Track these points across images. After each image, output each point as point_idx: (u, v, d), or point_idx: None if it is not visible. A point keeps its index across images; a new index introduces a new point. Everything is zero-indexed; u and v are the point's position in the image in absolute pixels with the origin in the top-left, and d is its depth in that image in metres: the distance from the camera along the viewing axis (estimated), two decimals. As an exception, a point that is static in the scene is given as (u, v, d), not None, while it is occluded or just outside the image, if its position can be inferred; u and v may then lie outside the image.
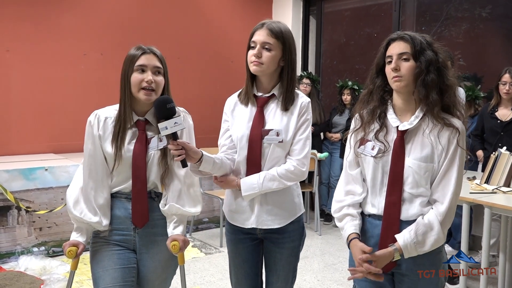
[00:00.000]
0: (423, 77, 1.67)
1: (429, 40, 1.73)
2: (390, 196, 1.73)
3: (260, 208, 1.98)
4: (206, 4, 5.73)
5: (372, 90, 1.81)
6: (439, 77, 1.69)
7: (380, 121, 1.78)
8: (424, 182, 1.71)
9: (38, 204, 4.03)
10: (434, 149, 1.69)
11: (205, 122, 4.13)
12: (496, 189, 3.18)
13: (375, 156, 1.75)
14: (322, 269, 3.99)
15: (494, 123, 3.89)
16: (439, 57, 1.71)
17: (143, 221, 1.96)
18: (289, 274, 2.09)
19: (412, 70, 1.68)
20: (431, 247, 1.69)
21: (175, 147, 1.77)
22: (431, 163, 1.70)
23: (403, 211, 1.72)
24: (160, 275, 2.04)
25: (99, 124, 1.95)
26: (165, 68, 1.96)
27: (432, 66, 1.68)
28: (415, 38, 1.70)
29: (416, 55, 1.68)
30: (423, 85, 1.68)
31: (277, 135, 1.94)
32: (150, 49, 1.93)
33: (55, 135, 4.78)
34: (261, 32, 1.93)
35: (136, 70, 1.89)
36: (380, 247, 1.73)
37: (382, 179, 1.75)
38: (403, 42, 1.70)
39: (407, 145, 1.72)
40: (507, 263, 3.34)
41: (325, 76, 6.31)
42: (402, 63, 1.69)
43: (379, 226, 1.76)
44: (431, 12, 5.36)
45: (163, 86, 1.94)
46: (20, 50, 4.55)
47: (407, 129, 1.72)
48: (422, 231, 1.67)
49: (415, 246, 1.67)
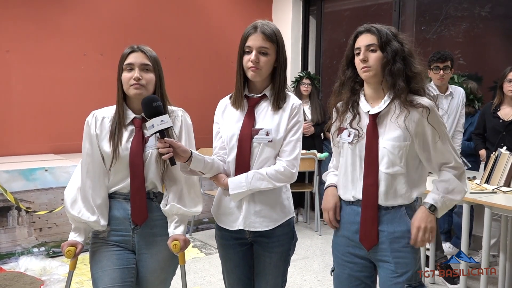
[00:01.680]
0: (390, 66, 1.77)
1: (394, 31, 1.83)
2: (367, 178, 1.82)
3: (248, 210, 1.97)
4: (206, 4, 5.73)
5: (343, 81, 1.92)
6: (405, 66, 1.79)
7: (353, 111, 1.88)
8: (399, 160, 1.79)
9: (38, 205, 4.03)
10: (406, 129, 1.78)
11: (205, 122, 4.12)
12: (496, 189, 3.18)
13: (351, 142, 1.86)
14: (323, 269, 3.99)
15: (496, 122, 3.87)
16: (404, 47, 1.80)
17: (142, 218, 1.96)
18: (278, 279, 2.07)
19: (380, 60, 1.79)
20: (460, 194, 1.81)
21: (163, 145, 1.79)
22: (404, 141, 1.78)
23: (380, 195, 1.81)
24: (159, 276, 2.04)
25: (96, 124, 1.98)
26: (156, 66, 1.96)
27: (398, 56, 1.78)
28: (381, 30, 1.80)
29: (382, 46, 1.78)
30: (390, 74, 1.78)
31: (267, 135, 1.93)
32: (139, 47, 1.95)
33: (55, 135, 4.78)
34: (256, 37, 1.91)
35: (125, 69, 1.93)
36: (361, 229, 1.84)
37: (360, 164, 1.85)
38: (370, 34, 1.80)
39: (380, 129, 1.82)
40: (507, 263, 3.34)
41: (325, 76, 6.31)
42: (370, 54, 1.79)
43: (360, 213, 1.85)
44: (430, 11, 5.36)
45: (155, 83, 1.95)
46: (20, 50, 4.55)
47: (377, 112, 1.82)
48: (443, 186, 1.79)
49: (443, 200, 1.79)
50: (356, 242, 1.88)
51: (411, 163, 1.82)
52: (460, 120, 4.00)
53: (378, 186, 1.81)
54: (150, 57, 1.95)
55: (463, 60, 5.01)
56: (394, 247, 1.81)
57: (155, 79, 1.95)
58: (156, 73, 1.96)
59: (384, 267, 1.83)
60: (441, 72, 3.78)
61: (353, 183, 1.87)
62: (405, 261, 1.80)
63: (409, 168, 1.81)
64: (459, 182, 1.81)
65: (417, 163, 1.84)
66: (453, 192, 1.80)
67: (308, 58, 6.31)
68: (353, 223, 1.88)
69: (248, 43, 1.92)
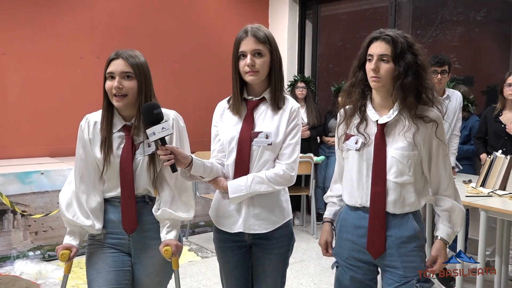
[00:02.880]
0: (401, 80, 1.73)
1: (410, 41, 1.77)
2: (375, 186, 1.81)
3: (248, 213, 1.97)
4: (203, 8, 5.74)
5: (354, 83, 1.88)
6: (416, 80, 1.75)
7: (361, 114, 1.86)
8: (408, 169, 1.78)
9: (34, 208, 4.01)
10: (415, 138, 1.77)
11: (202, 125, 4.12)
12: (491, 192, 3.19)
13: (358, 149, 1.83)
14: (319, 273, 3.99)
15: (498, 127, 3.87)
16: (418, 59, 1.76)
17: (132, 227, 1.97)
18: (277, 280, 2.07)
19: (391, 72, 1.75)
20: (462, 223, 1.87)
21: (164, 152, 1.78)
22: (413, 151, 1.77)
23: (388, 203, 1.80)
24: (154, 279, 2.04)
25: (89, 129, 1.97)
26: (138, 72, 1.90)
27: (411, 70, 1.74)
28: (396, 40, 1.74)
29: (395, 58, 1.73)
30: (401, 88, 1.75)
31: (266, 138, 1.93)
32: (120, 54, 1.90)
33: (51, 138, 4.76)
34: (249, 41, 1.92)
35: (107, 78, 1.91)
36: (369, 237, 1.83)
37: (367, 172, 1.83)
38: (385, 43, 1.75)
39: (388, 138, 1.80)
40: (503, 266, 3.35)
41: (321, 80, 6.33)
42: (381, 64, 1.75)
43: (366, 218, 1.84)
44: (426, 15, 5.38)
45: (138, 89, 1.90)
46: (16, 53, 4.54)
47: (386, 122, 1.80)
48: (447, 216, 1.84)
49: (453, 232, 1.84)
50: (360, 246, 1.87)
51: (418, 171, 1.82)
52: (457, 123, 4.02)
53: (386, 195, 1.80)
54: (131, 63, 1.89)
55: (459, 64, 5.03)
56: (401, 252, 1.81)
57: (137, 85, 1.91)
58: (138, 79, 1.90)
59: (391, 272, 1.82)
60: (438, 76, 3.80)
61: (359, 190, 1.86)
62: (414, 265, 1.80)
63: (416, 176, 1.81)
64: (460, 207, 1.85)
65: (422, 171, 1.84)
66: (457, 221, 1.85)
67: (305, 61, 6.33)
68: (359, 227, 1.87)
69: (242, 48, 1.93)
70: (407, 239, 1.81)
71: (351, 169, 1.88)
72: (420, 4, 5.46)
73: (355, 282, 1.91)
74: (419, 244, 1.83)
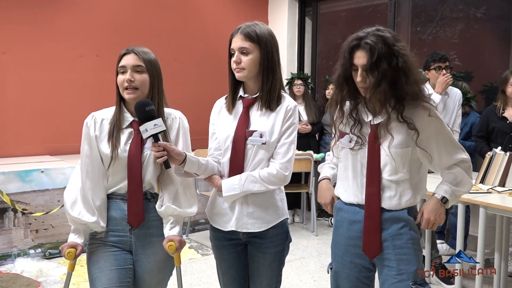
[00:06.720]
0: (374, 90, 1.73)
1: (390, 41, 1.72)
2: (369, 187, 1.83)
3: (241, 211, 1.97)
4: (202, 6, 5.74)
5: (343, 97, 1.87)
6: (394, 87, 1.73)
7: (354, 117, 1.86)
8: (402, 167, 1.80)
9: (34, 206, 4.02)
10: (408, 134, 1.77)
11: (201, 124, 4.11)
12: (491, 189, 3.19)
13: (352, 148, 1.85)
14: (319, 270, 4.00)
15: (503, 124, 3.88)
16: (399, 61, 1.72)
17: (138, 220, 1.97)
18: (272, 279, 2.07)
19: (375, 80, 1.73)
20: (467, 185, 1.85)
21: (156, 149, 1.79)
22: (407, 147, 1.78)
23: (384, 199, 1.82)
24: (156, 276, 2.04)
25: (95, 125, 1.98)
26: (150, 66, 1.96)
27: (384, 79, 1.71)
28: (373, 47, 1.70)
29: (372, 68, 1.71)
30: (375, 97, 1.75)
31: (261, 137, 1.93)
32: (132, 49, 1.95)
33: (51, 137, 4.77)
34: (236, 38, 1.94)
35: (119, 72, 1.95)
36: (364, 235, 1.84)
37: (361, 171, 1.85)
38: (364, 52, 1.72)
39: (381, 137, 1.81)
40: (502, 263, 3.35)
41: (321, 77, 6.32)
42: (365, 74, 1.74)
43: (361, 213, 1.86)
44: (426, 12, 5.38)
45: (150, 84, 1.95)
46: (15, 52, 4.54)
47: (379, 122, 1.81)
48: (451, 178, 1.83)
49: (452, 192, 1.82)
50: (356, 243, 1.88)
51: (413, 167, 1.83)
52: (457, 120, 4.02)
53: (381, 194, 1.81)
54: (143, 58, 1.94)
55: (459, 61, 5.03)
56: (396, 244, 1.82)
57: (149, 79, 1.95)
58: (150, 73, 1.95)
59: (386, 266, 1.83)
60: (443, 71, 3.81)
61: (354, 189, 1.87)
62: (408, 258, 1.81)
63: (412, 173, 1.82)
64: (466, 174, 1.84)
65: (418, 166, 1.85)
66: (461, 183, 1.83)
67: (304, 59, 6.33)
68: (355, 222, 1.88)
69: (232, 46, 1.96)
70: (402, 230, 1.82)
71: (347, 169, 1.90)
72: (420, 1, 5.45)
73: (352, 279, 1.92)
74: (413, 237, 1.83)
